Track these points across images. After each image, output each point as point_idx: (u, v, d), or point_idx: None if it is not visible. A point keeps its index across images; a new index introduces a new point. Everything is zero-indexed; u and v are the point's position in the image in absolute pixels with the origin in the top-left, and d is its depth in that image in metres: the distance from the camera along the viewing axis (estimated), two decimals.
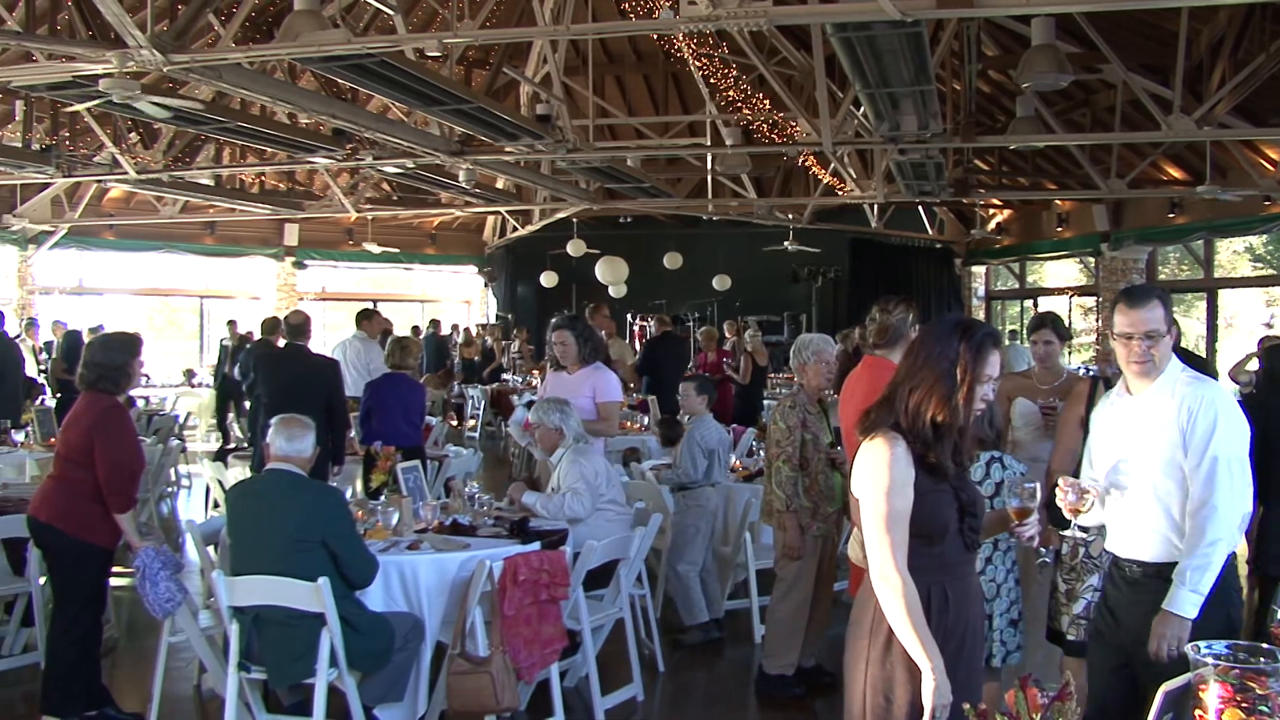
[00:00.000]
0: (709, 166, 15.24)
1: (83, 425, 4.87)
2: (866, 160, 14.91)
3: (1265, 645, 2.27)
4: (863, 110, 10.09)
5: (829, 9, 6.98)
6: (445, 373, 16.49)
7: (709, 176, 15.88)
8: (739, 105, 13.62)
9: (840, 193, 15.64)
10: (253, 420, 8.69)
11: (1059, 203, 17.68)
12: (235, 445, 13.03)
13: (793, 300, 20.93)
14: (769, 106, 13.53)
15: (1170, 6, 8.50)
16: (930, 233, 19.98)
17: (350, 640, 4.27)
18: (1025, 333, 8.85)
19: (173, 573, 4.74)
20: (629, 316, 19.77)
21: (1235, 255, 17.56)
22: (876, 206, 17.30)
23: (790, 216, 18.51)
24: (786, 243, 18.77)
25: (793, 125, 13.40)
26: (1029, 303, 20.37)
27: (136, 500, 5.02)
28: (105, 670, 5.21)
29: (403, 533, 4.99)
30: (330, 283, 21.91)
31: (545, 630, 4.65)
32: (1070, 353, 16.40)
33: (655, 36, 15.67)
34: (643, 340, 17.77)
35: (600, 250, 19.10)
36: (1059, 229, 18.19)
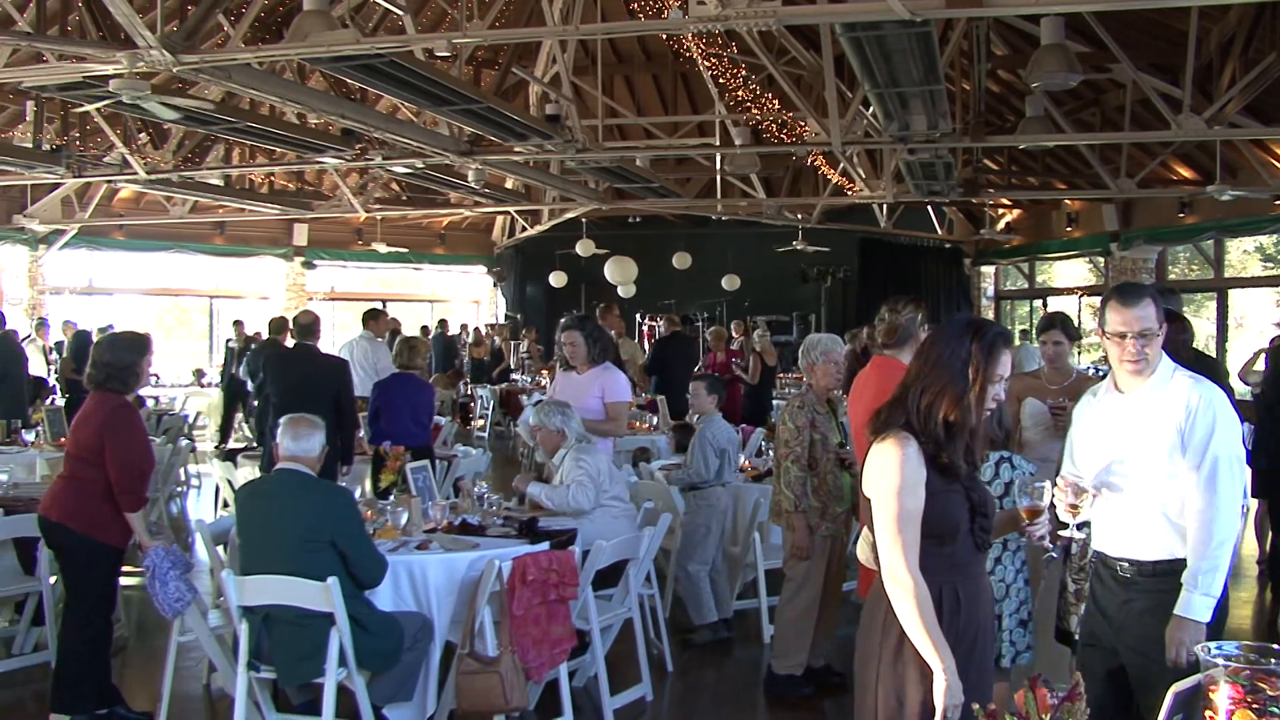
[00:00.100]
0: (718, 166, 15.22)
1: (93, 424, 4.87)
2: (876, 160, 14.87)
3: (1276, 646, 2.26)
4: (872, 110, 10.06)
5: (838, 9, 6.97)
6: (454, 373, 16.51)
7: (718, 176, 15.84)
8: (748, 105, 13.61)
9: (849, 193, 15.62)
10: (261, 420, 8.70)
11: (1068, 202, 17.63)
12: (240, 446, 13.02)
13: (802, 300, 20.93)
14: (778, 106, 13.51)
15: (1180, 6, 8.47)
16: (939, 233, 19.93)
17: (359, 640, 4.28)
18: (1035, 333, 8.81)
19: (182, 572, 4.75)
20: (638, 316, 19.77)
21: (1246, 255, 17.47)
22: (886, 206, 17.25)
23: (799, 216, 18.47)
24: (795, 243, 18.75)
25: (802, 125, 13.37)
26: (1038, 303, 20.31)
27: (147, 499, 5.03)
28: (115, 669, 5.21)
29: (412, 532, 5.00)
30: (339, 283, 21.93)
31: (554, 630, 4.66)
32: (1080, 353, 16.33)
33: (664, 36, 15.71)
34: (652, 340, 17.76)
35: (609, 250, 19.06)
36: (1068, 229, 18.14)
